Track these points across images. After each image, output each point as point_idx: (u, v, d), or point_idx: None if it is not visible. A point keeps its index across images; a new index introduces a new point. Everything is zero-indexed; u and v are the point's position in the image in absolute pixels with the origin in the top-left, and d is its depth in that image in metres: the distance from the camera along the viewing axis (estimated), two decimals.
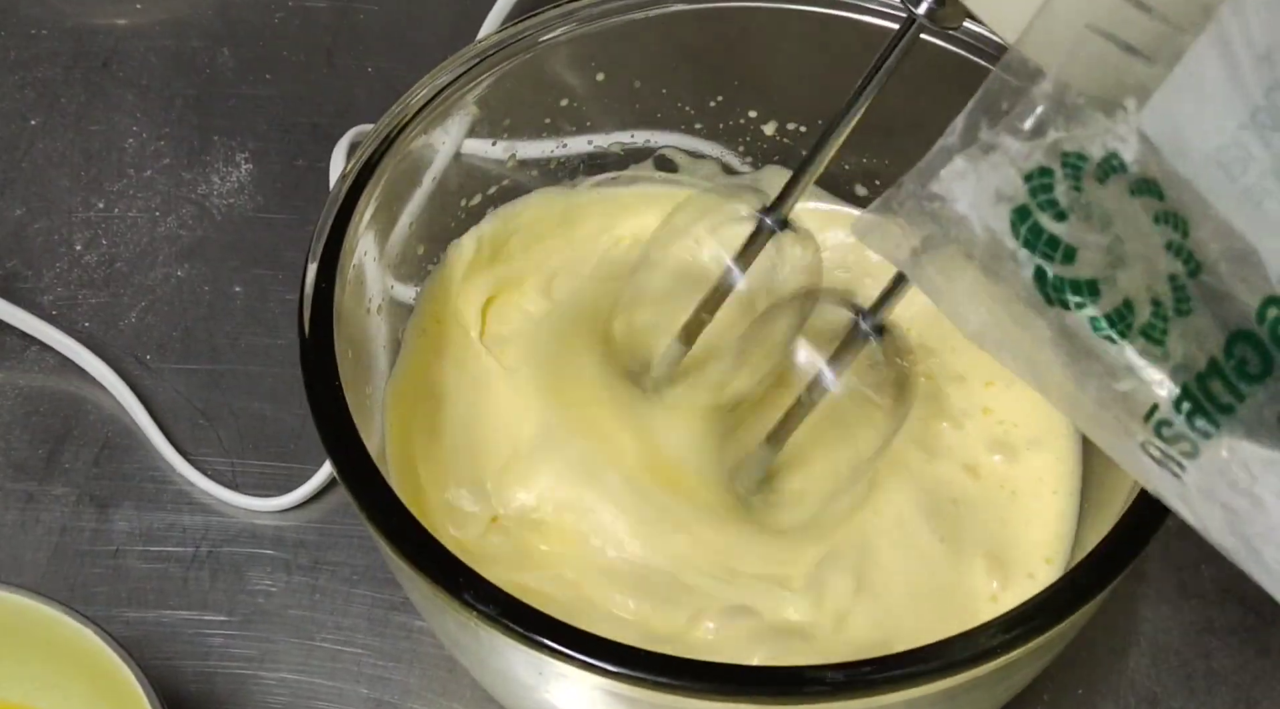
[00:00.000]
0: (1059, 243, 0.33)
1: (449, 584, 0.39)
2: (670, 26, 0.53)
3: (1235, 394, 0.32)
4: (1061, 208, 0.33)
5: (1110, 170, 0.33)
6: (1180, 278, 0.32)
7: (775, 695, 0.37)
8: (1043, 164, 0.33)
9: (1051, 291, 0.34)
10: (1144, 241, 0.33)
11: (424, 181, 0.51)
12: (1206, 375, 0.32)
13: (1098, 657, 0.52)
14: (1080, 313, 0.33)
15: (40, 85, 0.69)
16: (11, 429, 0.58)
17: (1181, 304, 0.32)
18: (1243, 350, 0.31)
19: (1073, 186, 0.33)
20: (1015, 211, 0.33)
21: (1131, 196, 0.32)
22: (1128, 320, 0.33)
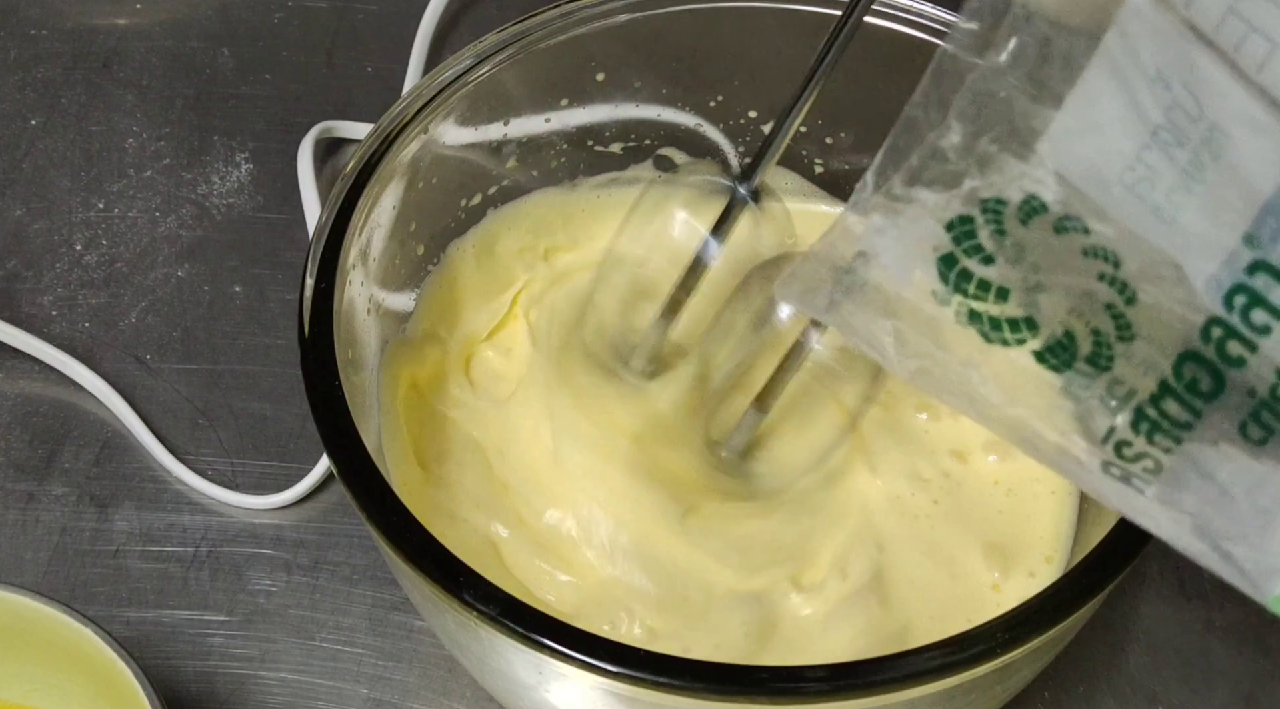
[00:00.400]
0: (990, 285, 0.34)
1: (449, 584, 0.39)
2: (670, 26, 0.53)
3: (1192, 412, 0.32)
4: (987, 252, 0.34)
5: (1031, 212, 0.33)
6: (1117, 306, 0.33)
7: (775, 695, 0.37)
8: (962, 212, 0.34)
9: (990, 330, 0.34)
10: (1075, 276, 0.33)
11: (424, 181, 0.51)
12: (1159, 397, 0.33)
13: (1098, 656, 0.52)
14: (1021, 348, 0.34)
15: (40, 85, 0.69)
16: (11, 429, 0.58)
17: (1123, 331, 0.33)
18: (1192, 370, 0.32)
19: (995, 231, 0.33)
20: (941, 260, 0.34)
21: (1057, 235, 0.33)
22: (1070, 350, 0.34)
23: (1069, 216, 0.33)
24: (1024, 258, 0.34)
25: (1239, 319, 0.31)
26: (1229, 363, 0.31)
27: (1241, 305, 0.31)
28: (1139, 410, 0.33)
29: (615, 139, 0.56)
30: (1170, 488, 0.33)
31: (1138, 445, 0.33)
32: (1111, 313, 0.33)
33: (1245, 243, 0.30)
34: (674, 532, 0.47)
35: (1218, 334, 0.31)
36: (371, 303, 0.49)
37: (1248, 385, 0.31)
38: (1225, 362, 0.31)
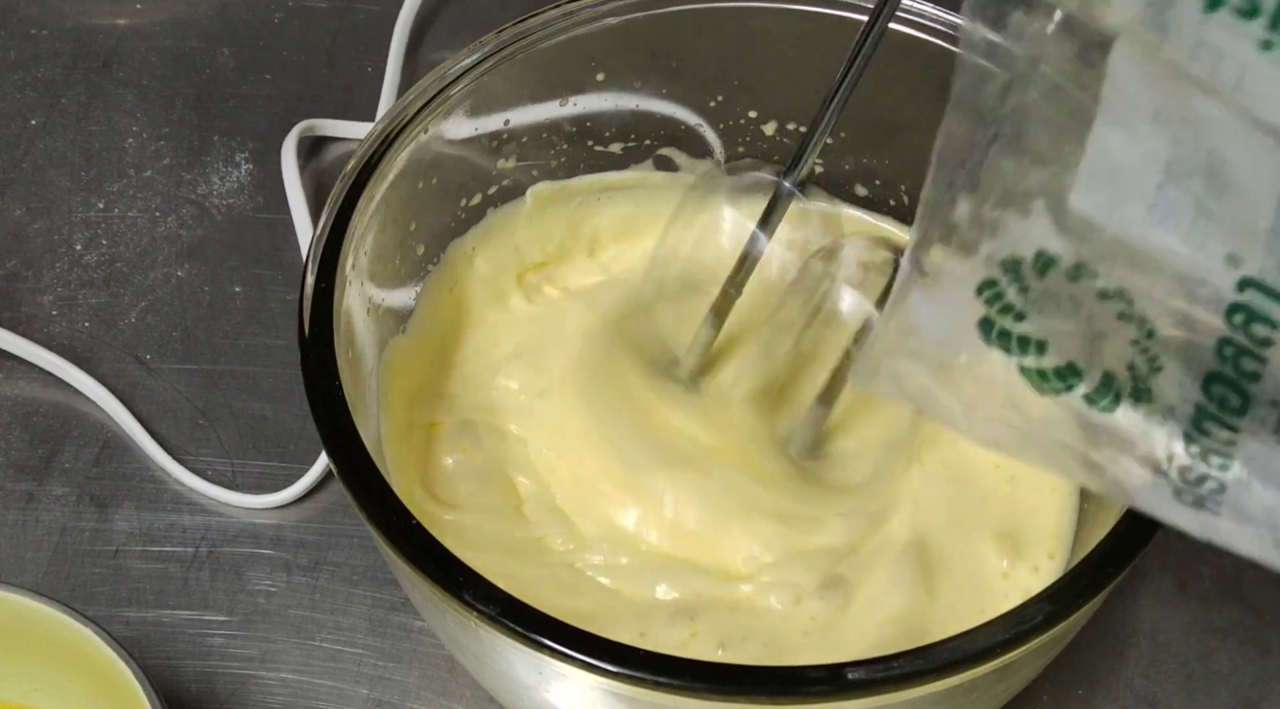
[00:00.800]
0: (1029, 340, 0.36)
1: (449, 584, 0.39)
2: (670, 26, 0.53)
3: (1230, 428, 0.33)
4: (1018, 309, 0.36)
5: (1046, 265, 0.35)
6: (1141, 341, 0.34)
7: (775, 695, 0.37)
8: (986, 276, 0.36)
9: (1041, 382, 0.36)
10: (1099, 319, 0.35)
11: (424, 181, 0.51)
12: (1199, 419, 0.34)
13: (1098, 657, 0.52)
14: (1073, 394, 0.36)
15: (40, 85, 0.69)
16: (11, 429, 0.58)
17: (1153, 363, 0.34)
18: (1219, 391, 0.33)
19: (1019, 288, 0.35)
20: (980, 324, 0.36)
21: (1071, 282, 0.35)
22: (1114, 388, 0.35)
23: (1079, 264, 0.34)
24: (1050, 309, 0.35)
25: (1244, 336, 0.32)
26: (1247, 378, 0.33)
27: (1241, 322, 0.32)
28: (1186, 435, 0.34)
29: (615, 139, 0.56)
30: (1239, 504, 0.34)
31: (1197, 467, 0.35)
32: (1139, 348, 0.34)
33: (1228, 263, 0.31)
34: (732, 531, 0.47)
35: (1230, 353, 0.32)
36: (371, 303, 0.49)
37: (1270, 397, 0.32)
38: (1244, 377, 0.32)
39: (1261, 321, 0.31)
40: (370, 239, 0.48)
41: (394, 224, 0.50)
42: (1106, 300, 0.34)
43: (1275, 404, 0.32)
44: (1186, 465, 0.35)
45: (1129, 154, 0.32)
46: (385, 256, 0.50)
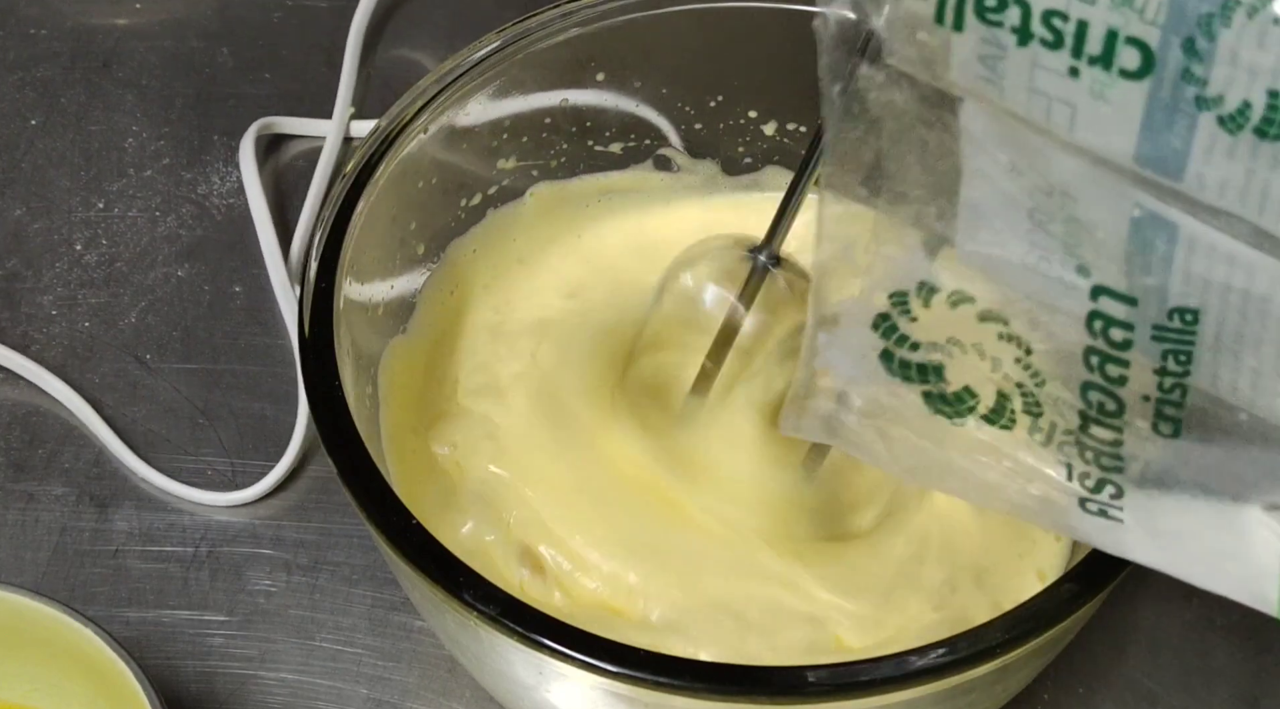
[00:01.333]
0: (926, 367, 0.38)
1: (449, 584, 0.39)
2: (670, 26, 0.53)
3: (1114, 429, 0.35)
4: (912, 339, 0.38)
5: (930, 293, 0.37)
6: (1023, 359, 0.36)
7: (775, 695, 0.37)
8: (878, 311, 0.38)
9: (945, 407, 0.38)
10: (984, 341, 0.36)
11: (424, 181, 0.51)
12: (1085, 426, 0.35)
13: (1098, 656, 0.52)
14: (971, 417, 0.37)
15: (40, 85, 0.69)
16: (11, 429, 0.58)
17: (1036, 378, 0.36)
18: (1096, 397, 0.34)
19: (910, 319, 0.37)
20: (881, 357, 0.38)
21: (953, 308, 0.37)
22: (1008, 408, 0.37)
23: (956, 291, 0.36)
24: (940, 336, 0.37)
25: (1104, 343, 0.33)
26: (1115, 383, 0.34)
27: (1100, 329, 0.33)
28: (1078, 442, 0.36)
29: (615, 139, 0.56)
30: (1139, 505, 0.35)
31: (1093, 472, 0.36)
32: (1022, 366, 0.36)
33: (1079, 273, 0.33)
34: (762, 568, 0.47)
35: (1096, 361, 0.34)
36: (371, 303, 0.49)
37: (1141, 393, 0.33)
38: (1112, 382, 0.34)
39: (1117, 326, 0.33)
40: (370, 239, 0.48)
41: (394, 224, 0.50)
42: (987, 322, 0.36)
43: (1146, 398, 0.33)
44: (1084, 472, 0.36)
45: (996, 209, 0.33)
46: (385, 257, 0.50)
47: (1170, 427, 0.33)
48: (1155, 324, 0.32)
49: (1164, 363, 0.32)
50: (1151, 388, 0.33)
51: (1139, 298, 0.32)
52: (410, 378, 0.52)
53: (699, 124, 0.56)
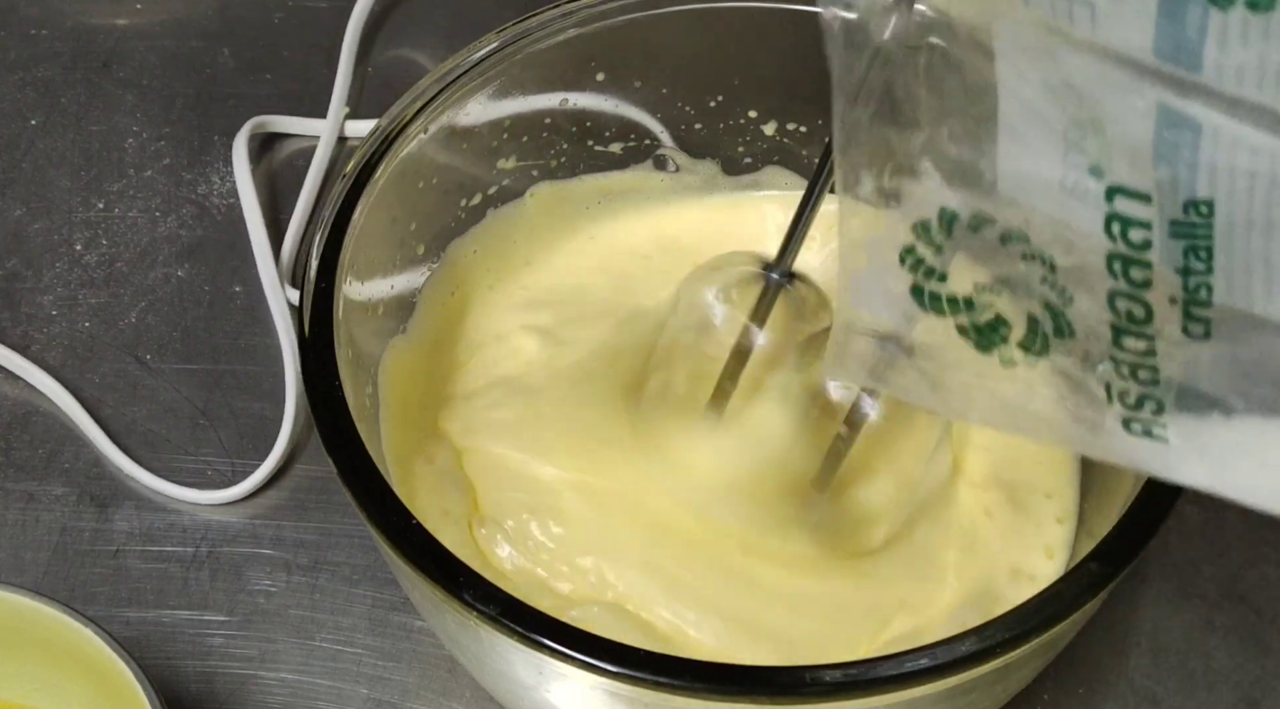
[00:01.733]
0: (956, 300, 0.38)
1: (449, 584, 0.39)
2: (670, 26, 0.53)
3: (1146, 338, 0.34)
4: (939, 271, 0.38)
5: (950, 221, 0.36)
6: (1048, 276, 0.35)
7: (775, 695, 0.37)
8: (904, 244, 0.38)
9: (979, 339, 0.38)
10: (1008, 264, 0.36)
11: (424, 181, 0.51)
12: (1117, 338, 0.35)
13: (1098, 657, 0.52)
14: (1006, 347, 0.37)
15: (40, 85, 0.69)
16: (11, 429, 0.58)
17: (1063, 295, 0.35)
18: (1124, 305, 0.34)
19: (935, 250, 0.37)
20: (912, 291, 0.38)
21: (974, 233, 0.36)
22: (1040, 332, 0.36)
23: (975, 215, 0.36)
24: (969, 252, 0.37)
25: (1125, 245, 0.33)
26: (1141, 286, 0.33)
27: (1119, 232, 0.33)
28: (1113, 358, 0.35)
29: (615, 139, 0.56)
30: (1180, 421, 0.35)
31: (1132, 389, 0.35)
32: (1048, 285, 0.35)
33: (1093, 175, 0.32)
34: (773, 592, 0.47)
35: (1119, 266, 0.33)
36: (371, 303, 0.49)
37: (1168, 295, 0.33)
38: (1137, 286, 0.33)
39: (1136, 226, 0.32)
40: (370, 239, 0.48)
41: (394, 224, 0.50)
42: (1009, 244, 0.36)
43: (1173, 301, 0.33)
44: (1124, 389, 0.35)
45: (1033, 132, 0.33)
46: (385, 257, 0.50)
47: (1201, 327, 0.33)
48: (1172, 220, 0.31)
49: (1185, 260, 0.32)
50: (1177, 288, 0.32)
51: (1153, 194, 0.31)
52: (410, 378, 0.52)
53: (699, 124, 0.56)
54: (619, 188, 0.57)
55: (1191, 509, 0.55)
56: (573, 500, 0.48)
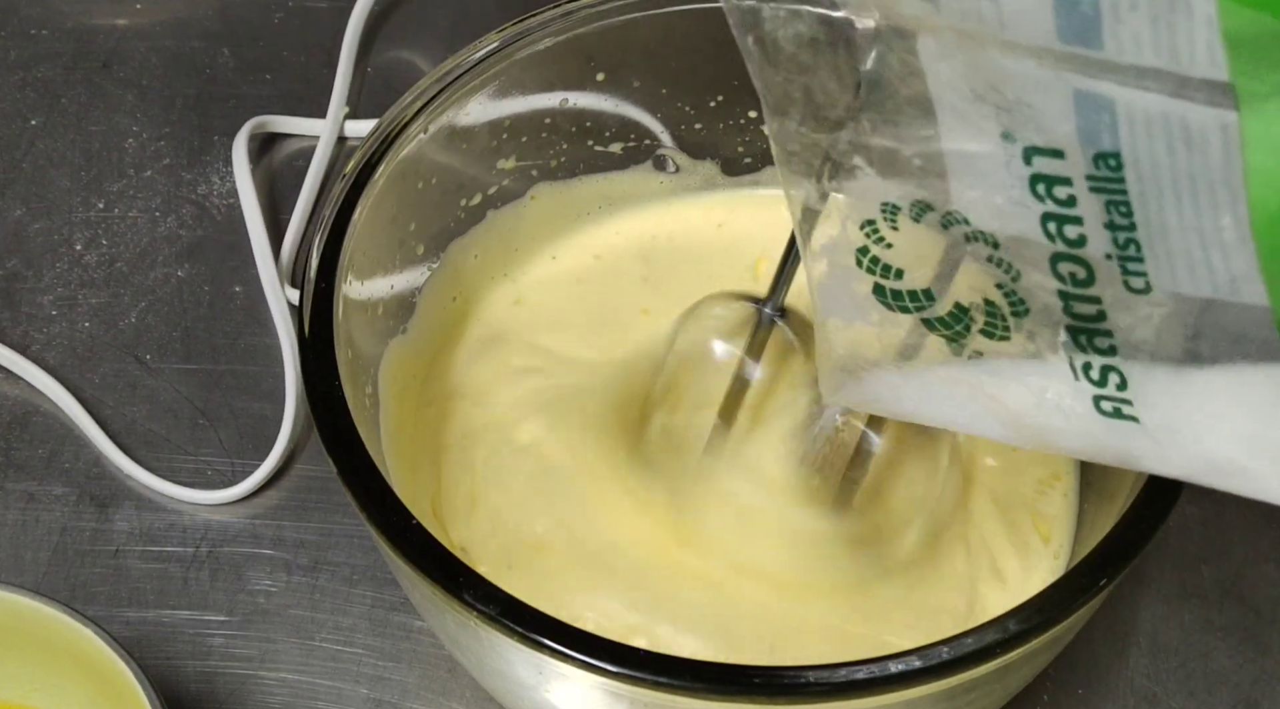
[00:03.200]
0: (916, 293, 0.39)
1: (449, 584, 0.39)
2: (670, 26, 0.53)
3: (1093, 301, 0.35)
4: (895, 267, 0.39)
5: (893, 213, 0.37)
6: (995, 255, 0.36)
7: (775, 695, 0.37)
8: (857, 246, 0.39)
9: (944, 331, 0.38)
10: (955, 246, 0.37)
11: (424, 181, 0.51)
12: (1066, 307, 0.35)
13: (1098, 657, 0.52)
14: (971, 336, 0.38)
15: (40, 85, 0.69)
16: (12, 429, 0.58)
17: (1010, 272, 0.36)
18: (1066, 267, 0.35)
19: (885, 245, 0.38)
20: (874, 291, 0.39)
21: (916, 222, 0.37)
22: (999, 314, 0.37)
23: (916, 202, 0.37)
24: (917, 257, 0.38)
25: (1054, 204, 0.34)
26: (1077, 244, 0.34)
27: (1045, 192, 0.34)
28: (1069, 328, 0.36)
29: (615, 139, 0.56)
30: (1147, 397, 0.35)
31: (1094, 360, 0.36)
32: (994, 262, 0.36)
33: (1005, 139, 0.33)
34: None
35: (1053, 227, 0.34)
36: (371, 303, 0.49)
37: (1102, 252, 0.34)
38: (1074, 244, 0.34)
39: (1059, 183, 0.33)
40: (370, 239, 0.48)
41: (394, 224, 0.50)
42: (952, 226, 0.36)
43: (1109, 257, 0.34)
44: (1086, 362, 0.36)
45: (973, 142, 0.34)
46: (385, 257, 0.50)
47: (1140, 280, 0.34)
48: (1087, 174, 0.32)
49: (1109, 215, 0.33)
50: (1109, 244, 0.33)
51: (1064, 148, 0.32)
52: (410, 378, 0.52)
53: (699, 124, 0.56)
54: (619, 188, 0.57)
55: (1191, 509, 0.55)
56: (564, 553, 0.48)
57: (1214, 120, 0.30)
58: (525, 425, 0.51)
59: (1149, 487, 0.41)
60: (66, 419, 0.58)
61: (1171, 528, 0.54)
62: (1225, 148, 0.30)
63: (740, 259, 0.56)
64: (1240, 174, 0.30)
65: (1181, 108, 0.30)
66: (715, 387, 0.48)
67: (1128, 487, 0.42)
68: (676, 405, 0.49)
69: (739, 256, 0.56)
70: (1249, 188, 0.30)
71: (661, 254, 0.56)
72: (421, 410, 0.52)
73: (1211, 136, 0.30)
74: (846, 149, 0.37)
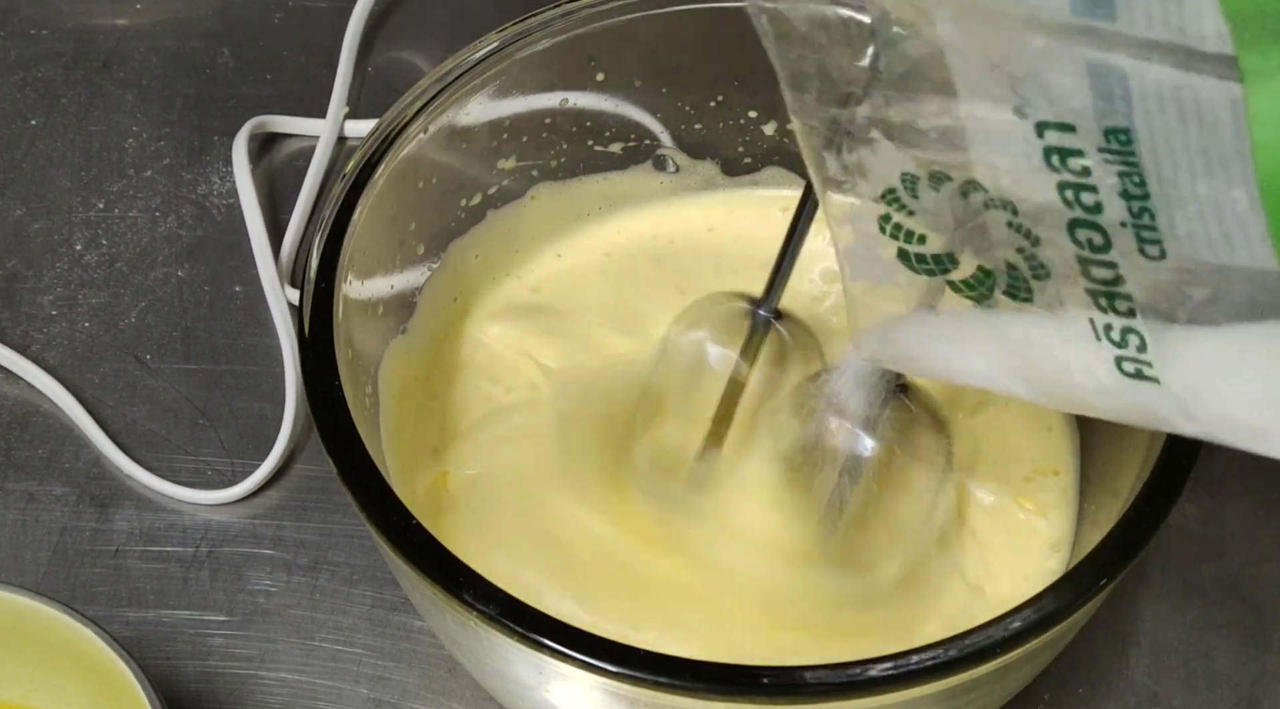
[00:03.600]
0: (941, 257, 0.39)
1: (449, 584, 0.39)
2: (670, 26, 0.53)
3: (1110, 266, 0.35)
4: (918, 233, 0.39)
5: (913, 183, 0.38)
6: (1014, 221, 0.37)
7: (775, 695, 0.37)
8: (880, 213, 0.39)
9: (970, 293, 0.39)
10: (973, 215, 0.38)
11: (424, 181, 0.51)
12: (1085, 269, 0.36)
13: (1098, 656, 0.52)
14: (995, 298, 0.39)
15: (40, 85, 0.69)
16: (11, 429, 0.58)
17: (1030, 237, 0.37)
18: (1084, 234, 0.35)
19: (906, 212, 0.39)
20: (899, 256, 0.40)
21: (936, 191, 0.38)
22: (1020, 277, 0.38)
23: (933, 173, 0.37)
24: (935, 220, 0.39)
25: (1069, 173, 0.34)
26: (1094, 211, 0.34)
27: (1059, 163, 0.34)
28: (1088, 290, 0.36)
29: (615, 139, 0.56)
30: (1167, 356, 0.35)
31: (1114, 322, 0.36)
32: (1013, 227, 0.37)
33: (1017, 114, 0.34)
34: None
35: (1071, 195, 0.34)
36: (371, 303, 0.49)
37: (1117, 220, 0.34)
38: (1091, 211, 0.34)
39: (1072, 155, 0.34)
40: (370, 239, 0.48)
41: (394, 224, 0.50)
42: (971, 194, 0.37)
43: (1124, 225, 0.34)
44: (1107, 323, 0.36)
45: (991, 113, 0.35)
46: (385, 257, 0.50)
47: (1156, 248, 0.34)
48: (1099, 147, 0.33)
49: (1123, 185, 0.33)
50: (1124, 212, 0.34)
51: (1075, 123, 0.33)
52: (410, 378, 0.52)
53: (699, 124, 0.56)
54: (619, 188, 0.57)
55: (1191, 509, 0.55)
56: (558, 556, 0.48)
57: (1223, 94, 0.30)
58: (525, 426, 0.51)
59: (1149, 486, 0.41)
60: (66, 419, 0.58)
61: (1171, 528, 0.54)
62: (1235, 121, 0.30)
63: (740, 260, 0.56)
64: (1249, 148, 0.30)
65: (1192, 81, 0.30)
66: (710, 390, 0.48)
67: (1128, 486, 0.42)
68: (671, 409, 0.49)
69: (739, 257, 0.56)
70: (1256, 163, 0.31)
71: (661, 254, 0.56)
72: (422, 410, 0.52)
73: (1221, 111, 0.30)
74: (864, 123, 0.38)
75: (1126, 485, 0.42)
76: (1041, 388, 0.39)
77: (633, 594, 0.46)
